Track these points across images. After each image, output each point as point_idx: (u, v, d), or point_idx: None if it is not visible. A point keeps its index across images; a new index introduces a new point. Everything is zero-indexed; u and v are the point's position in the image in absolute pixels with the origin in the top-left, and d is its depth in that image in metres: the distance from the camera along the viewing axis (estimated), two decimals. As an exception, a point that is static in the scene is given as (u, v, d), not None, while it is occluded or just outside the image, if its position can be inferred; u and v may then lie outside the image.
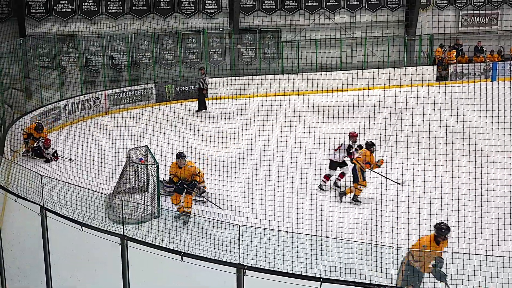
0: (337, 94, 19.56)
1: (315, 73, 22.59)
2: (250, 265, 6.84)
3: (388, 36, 26.22)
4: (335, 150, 13.80)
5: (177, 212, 11.49)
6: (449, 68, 26.08)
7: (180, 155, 11.68)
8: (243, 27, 25.26)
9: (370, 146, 13.05)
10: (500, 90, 15.59)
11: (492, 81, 25.96)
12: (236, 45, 24.94)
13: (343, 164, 13.72)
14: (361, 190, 12.71)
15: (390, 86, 20.76)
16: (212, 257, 7.44)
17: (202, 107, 21.78)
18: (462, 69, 26.31)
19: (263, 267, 6.96)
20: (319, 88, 20.17)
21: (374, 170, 12.97)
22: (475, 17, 27.60)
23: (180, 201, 11.79)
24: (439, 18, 26.69)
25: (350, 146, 13.66)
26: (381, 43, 25.78)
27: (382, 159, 12.97)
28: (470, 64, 26.50)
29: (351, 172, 13.14)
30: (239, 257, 6.88)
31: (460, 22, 27.39)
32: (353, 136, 13.88)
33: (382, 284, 6.71)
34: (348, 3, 25.73)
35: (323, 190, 13.56)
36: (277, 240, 7.92)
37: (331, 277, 6.85)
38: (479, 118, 13.56)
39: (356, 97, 17.47)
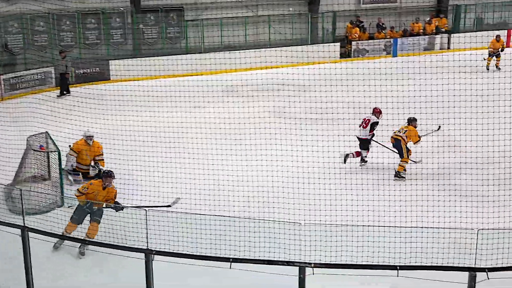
0: (243, 73, 19.50)
1: (220, 52, 22.40)
2: (159, 249, 6.76)
3: (292, 14, 26.20)
4: (364, 127, 13.36)
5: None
6: (351, 44, 26.38)
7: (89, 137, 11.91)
8: (145, 6, 24.41)
9: (413, 121, 12.83)
10: (401, 65, 15.96)
11: (393, 56, 26.52)
12: (138, 25, 24.13)
13: (367, 142, 13.33)
14: (404, 167, 12.55)
15: (295, 64, 20.90)
16: (119, 244, 7.36)
17: (64, 91, 20.51)
18: (364, 46, 26.71)
19: (172, 251, 6.86)
20: (225, 67, 20.05)
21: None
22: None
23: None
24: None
25: (376, 123, 13.36)
26: (285, 21, 25.81)
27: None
28: (372, 40, 26.90)
29: (395, 148, 12.88)
30: (147, 242, 6.71)
31: (361, 0, 27.75)
32: (377, 112, 13.52)
33: (290, 260, 6.80)
34: (252, -19, 25.43)
35: (345, 162, 13.05)
36: (185, 223, 8.04)
37: (240, 257, 6.84)
38: (381, 93, 13.80)
39: (261, 76, 17.39)
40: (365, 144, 13.27)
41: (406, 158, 12.56)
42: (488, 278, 5.72)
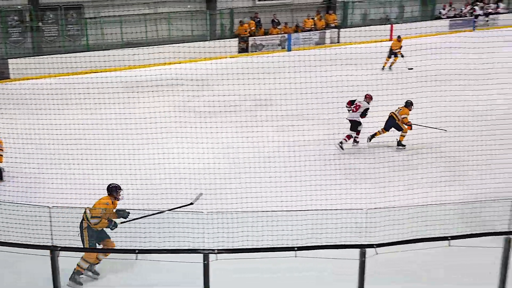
0: (145, 69, 19.65)
1: (121, 49, 22.41)
2: (64, 245, 6.50)
3: (191, 11, 26.53)
4: (353, 111, 14.23)
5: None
6: (248, 40, 27.04)
7: None
8: (43, 4, 23.94)
9: (410, 104, 14.07)
10: (295, 59, 16.77)
11: (288, 51, 27.44)
12: (37, 23, 23.74)
13: (358, 124, 14.22)
14: (404, 136, 14.15)
15: (196, 60, 21.37)
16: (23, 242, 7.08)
17: None
18: (261, 41, 27.41)
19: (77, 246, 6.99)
20: (127, 64, 20.19)
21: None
22: (270, -8, 28.83)
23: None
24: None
25: (367, 109, 14.28)
26: (185, 18, 26.09)
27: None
28: (267, 36, 27.62)
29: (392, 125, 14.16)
30: (51, 238, 6.83)
31: (256, -3, 28.41)
32: (368, 98, 14.44)
33: (194, 248, 6.96)
34: (150, -21, 25.55)
35: (342, 149, 13.96)
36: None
37: (146, 248, 7.19)
38: (277, 86, 14.54)
39: (162, 72, 17.62)
40: (354, 125, 14.23)
41: (406, 129, 14.06)
42: (377, 253, 5.87)
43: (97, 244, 8.14)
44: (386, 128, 14.26)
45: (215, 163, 12.22)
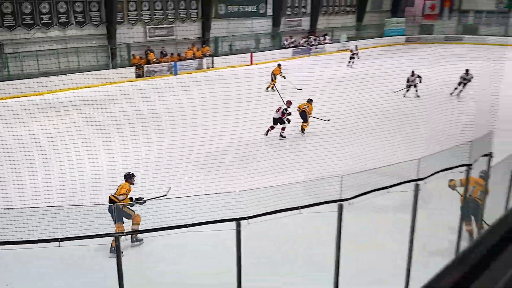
0: (59, 93, 18.71)
1: (38, 78, 21.22)
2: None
3: (96, 46, 25.52)
4: (276, 111, 15.02)
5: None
6: (143, 68, 26.48)
7: None
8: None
9: (311, 101, 15.54)
10: (181, 81, 16.67)
11: (175, 75, 27.15)
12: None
13: (281, 120, 14.92)
14: (306, 126, 15.36)
15: (101, 84, 20.60)
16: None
17: None
18: (153, 68, 26.92)
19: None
20: (43, 89, 19.17)
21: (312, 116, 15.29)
22: (158, 30, 28.41)
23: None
24: (132, 31, 26.94)
25: (286, 109, 14.98)
26: (91, 51, 25.15)
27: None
28: (158, 64, 27.17)
29: (300, 117, 15.30)
30: None
31: (147, 34, 27.92)
32: (289, 103, 15.25)
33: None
34: (59, 21, 24.11)
35: (266, 135, 14.82)
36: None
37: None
38: (167, 102, 14.35)
39: (75, 94, 16.86)
40: (276, 121, 14.99)
41: (308, 123, 15.23)
42: (249, 223, 5.88)
43: (124, 219, 8.34)
44: (305, 120, 15.38)
45: (120, 167, 11.65)
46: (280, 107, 15.24)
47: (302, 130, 15.39)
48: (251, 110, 14.12)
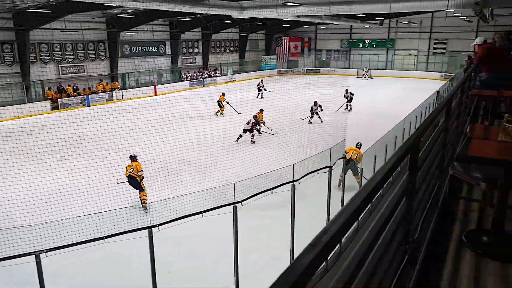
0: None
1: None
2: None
3: (11, 83, 23.01)
4: (246, 123, 15.31)
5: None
6: (58, 101, 24.48)
7: None
8: None
9: (262, 110, 16.04)
10: (94, 112, 15.70)
11: (87, 106, 25.47)
12: None
13: (250, 130, 15.35)
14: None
15: (20, 117, 18.67)
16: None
17: None
18: (67, 101, 25.02)
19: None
20: None
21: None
22: (70, 68, 26.54)
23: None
24: (46, 69, 24.82)
25: (255, 122, 15.52)
26: (7, 88, 22.70)
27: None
28: (69, 97, 25.17)
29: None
30: None
31: (60, 71, 25.97)
32: (256, 117, 15.60)
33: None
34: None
35: (237, 141, 14.92)
36: None
37: None
38: (82, 130, 13.43)
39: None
40: (245, 131, 15.33)
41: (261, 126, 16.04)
42: (159, 230, 5.64)
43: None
44: (258, 124, 15.99)
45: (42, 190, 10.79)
46: (249, 120, 15.63)
47: (259, 132, 16.28)
48: (161, 133, 13.78)
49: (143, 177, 9.63)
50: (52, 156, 13.16)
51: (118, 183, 9.74)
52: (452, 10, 21.34)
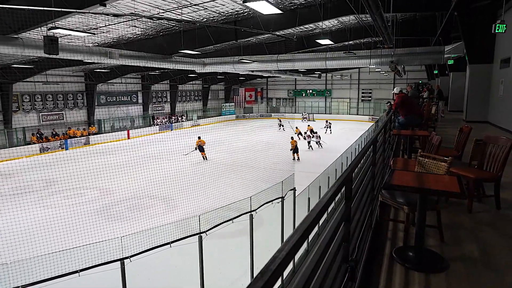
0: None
1: None
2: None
3: (-8, 130, 21.63)
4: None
5: None
6: (39, 145, 23.13)
7: None
8: None
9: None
10: (72, 156, 14.94)
11: (66, 149, 24.24)
12: None
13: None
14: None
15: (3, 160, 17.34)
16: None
17: None
18: (47, 145, 23.65)
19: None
20: None
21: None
22: (50, 115, 25.28)
23: None
24: (28, 117, 23.53)
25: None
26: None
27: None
28: (50, 142, 23.96)
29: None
30: None
31: (41, 119, 24.59)
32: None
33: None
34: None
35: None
36: None
37: None
38: (62, 171, 12.73)
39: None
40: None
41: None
42: (131, 261, 5.44)
43: None
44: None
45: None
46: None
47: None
48: (134, 172, 13.30)
49: None
50: (31, 195, 12.29)
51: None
52: (374, 66, 22.90)
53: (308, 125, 26.34)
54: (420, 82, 29.85)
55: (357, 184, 2.77)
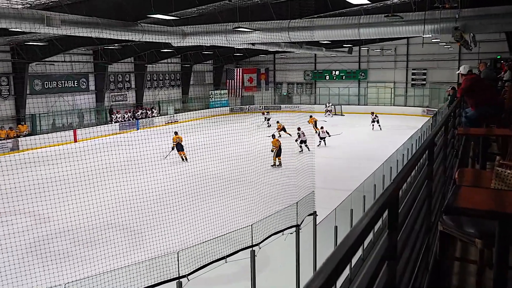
0: None
1: None
2: None
3: None
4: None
5: None
6: None
7: None
8: None
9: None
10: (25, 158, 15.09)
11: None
12: None
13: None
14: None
15: None
16: None
17: None
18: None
19: None
20: None
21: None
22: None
23: None
24: None
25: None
26: None
27: None
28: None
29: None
30: None
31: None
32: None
33: None
34: None
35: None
36: None
37: None
38: None
39: None
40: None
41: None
42: (188, 280, 6.19)
43: None
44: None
45: None
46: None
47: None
48: (82, 190, 13.35)
49: None
50: None
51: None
52: (430, 36, 22.93)
53: (311, 116, 29.77)
54: (498, 57, 29.92)
55: (405, 207, 2.75)
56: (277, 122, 28.76)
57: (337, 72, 44.94)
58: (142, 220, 13.12)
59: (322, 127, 26.34)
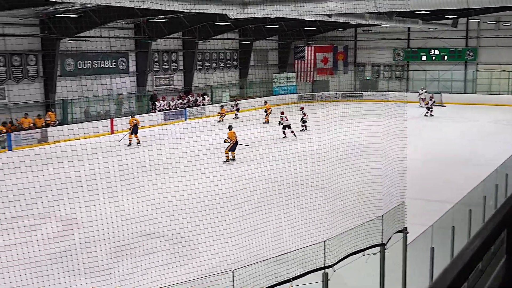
0: None
1: None
2: None
3: None
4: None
5: None
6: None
7: None
8: None
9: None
10: (16, 161, 15.82)
11: (9, 151, 25.67)
12: None
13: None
14: None
15: None
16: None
17: None
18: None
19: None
20: None
21: None
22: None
23: None
24: None
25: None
26: None
27: None
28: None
29: None
30: None
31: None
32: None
33: None
34: None
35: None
36: None
37: None
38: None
39: None
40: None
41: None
42: (334, 270, 6.67)
43: None
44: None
45: None
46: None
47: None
48: (121, 192, 13.78)
49: None
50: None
51: None
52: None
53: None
54: None
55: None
56: (222, 106, 30.96)
57: (436, 51, 43.82)
58: (189, 229, 13.35)
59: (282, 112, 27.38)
